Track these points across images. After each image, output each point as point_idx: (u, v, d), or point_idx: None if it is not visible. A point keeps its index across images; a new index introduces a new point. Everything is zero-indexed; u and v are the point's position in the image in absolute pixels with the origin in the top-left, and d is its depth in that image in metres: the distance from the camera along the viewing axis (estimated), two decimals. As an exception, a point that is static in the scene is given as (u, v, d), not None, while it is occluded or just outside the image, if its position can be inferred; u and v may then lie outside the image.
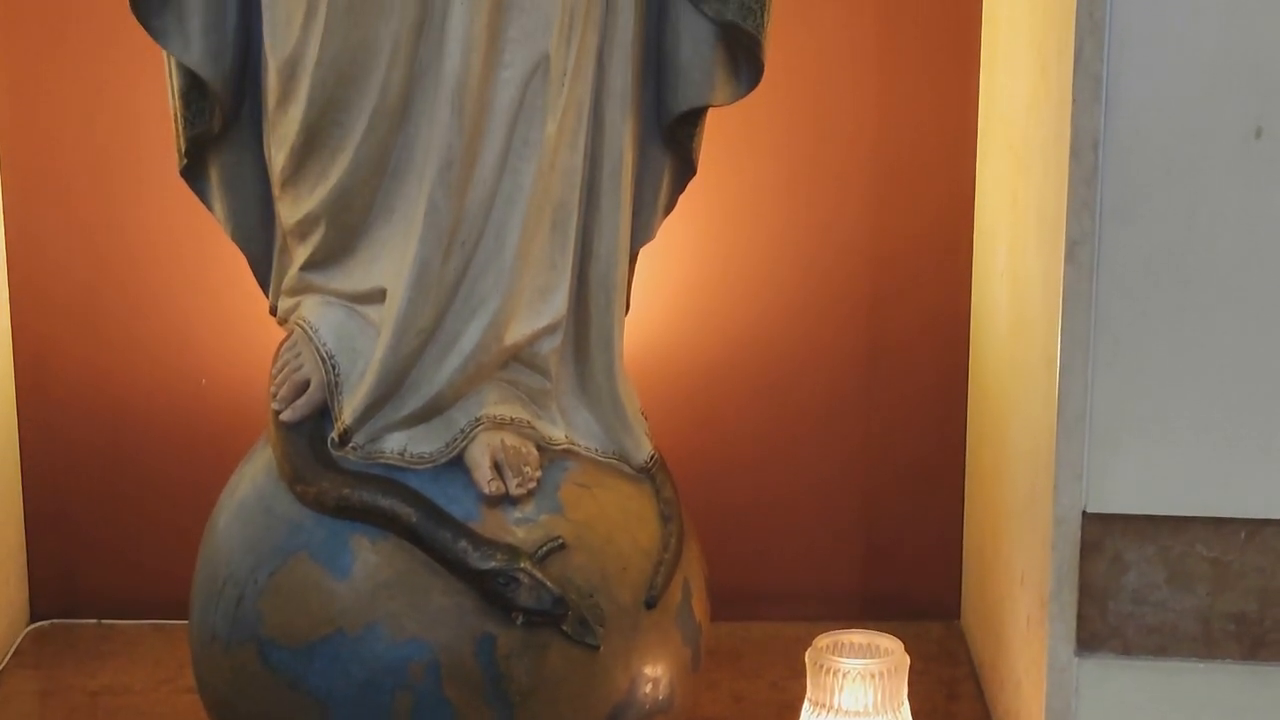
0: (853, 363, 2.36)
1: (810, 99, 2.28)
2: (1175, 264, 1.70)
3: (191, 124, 1.78)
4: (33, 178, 2.27)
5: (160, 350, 2.32)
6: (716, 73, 1.82)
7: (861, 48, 2.28)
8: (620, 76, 1.77)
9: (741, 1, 1.77)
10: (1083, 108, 1.69)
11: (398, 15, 1.65)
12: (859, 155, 2.30)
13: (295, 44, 1.68)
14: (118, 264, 2.30)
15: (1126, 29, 1.68)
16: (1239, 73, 1.67)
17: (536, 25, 1.68)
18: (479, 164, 1.70)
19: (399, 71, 1.67)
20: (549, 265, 1.77)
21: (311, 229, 1.78)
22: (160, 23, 1.72)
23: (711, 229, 2.30)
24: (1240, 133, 1.69)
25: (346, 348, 1.79)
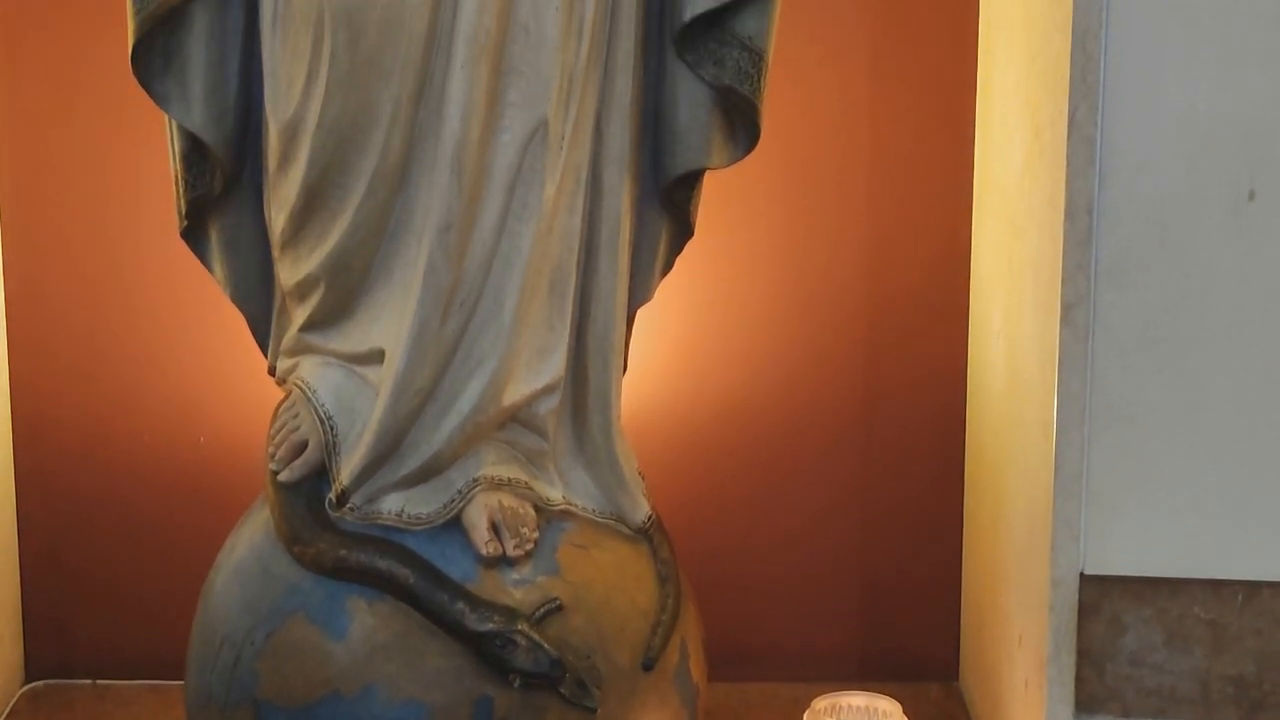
0: (849, 423, 2.36)
1: (806, 161, 2.30)
2: (1171, 326, 1.71)
3: (192, 186, 1.80)
4: (34, 234, 2.28)
5: (159, 408, 2.32)
6: (713, 136, 1.84)
7: (856, 110, 2.29)
8: (618, 140, 1.78)
9: (738, 66, 1.79)
10: (1077, 171, 1.71)
11: (398, 80, 1.66)
12: (854, 217, 2.32)
13: (296, 107, 1.70)
14: (117, 322, 2.30)
15: (1120, 93, 1.70)
16: (1231, 136, 1.69)
17: (535, 90, 1.70)
18: (478, 226, 1.71)
19: (399, 135, 1.69)
20: (547, 326, 1.78)
21: (311, 290, 1.79)
22: (162, 87, 1.74)
23: (708, 289, 2.31)
24: (1233, 195, 1.70)
25: (345, 408, 1.79)
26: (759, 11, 1.78)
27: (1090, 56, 1.69)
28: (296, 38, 1.68)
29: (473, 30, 1.66)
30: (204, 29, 1.73)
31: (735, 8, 1.77)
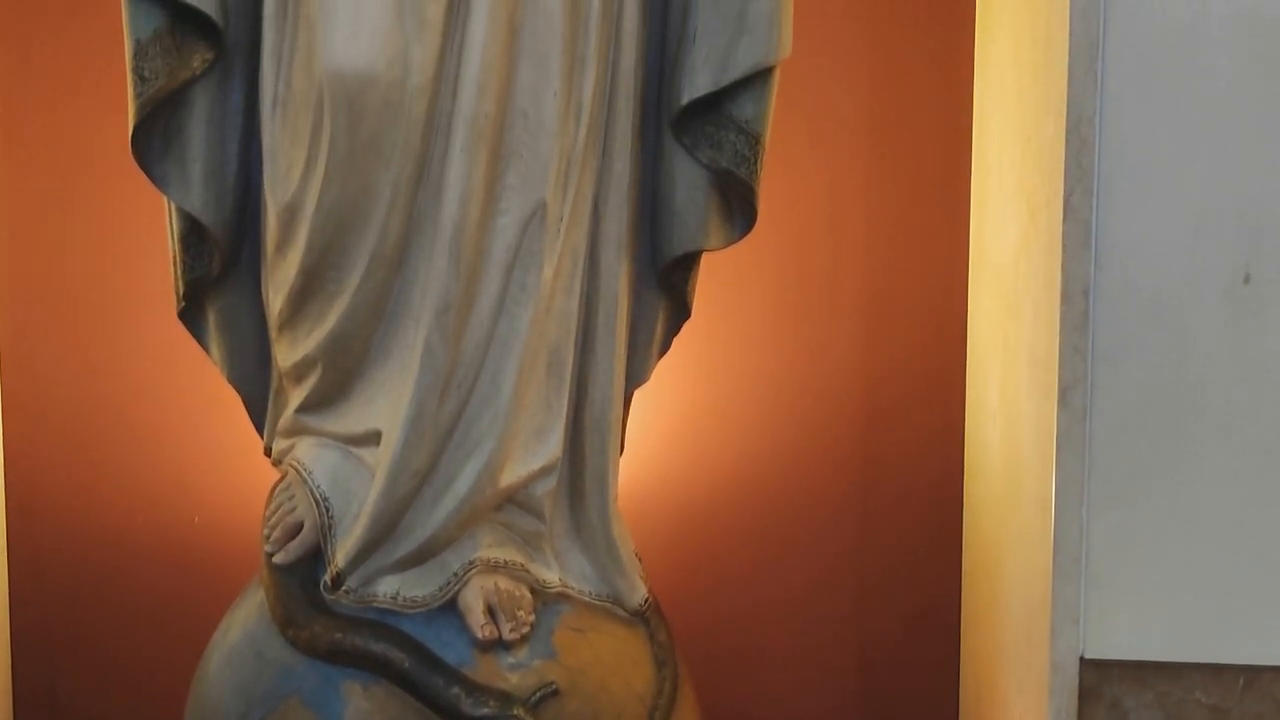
0: (845, 502, 2.35)
1: (801, 241, 2.31)
2: (1168, 408, 1.71)
3: (190, 268, 1.80)
4: (31, 312, 2.28)
5: (154, 488, 2.31)
6: (711, 218, 1.84)
7: (851, 190, 2.30)
8: (616, 222, 1.79)
9: (735, 149, 1.80)
10: (1073, 254, 1.71)
11: (397, 163, 1.67)
12: (849, 297, 2.32)
13: (295, 191, 1.70)
14: (113, 401, 2.30)
15: (1115, 177, 1.71)
16: (1226, 219, 1.70)
17: (534, 173, 1.71)
18: (475, 308, 1.71)
19: (397, 218, 1.69)
20: (544, 407, 1.78)
21: (308, 371, 1.78)
22: (162, 169, 1.75)
23: (704, 369, 2.31)
24: (1229, 278, 1.71)
25: (341, 490, 1.79)
26: (755, 95, 1.80)
27: (1085, 141, 1.70)
28: (296, 121, 1.69)
29: (472, 114, 1.67)
30: (204, 112, 1.74)
31: (732, 92, 1.79)
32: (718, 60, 1.77)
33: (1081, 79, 1.70)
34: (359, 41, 1.63)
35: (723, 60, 1.77)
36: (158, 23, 1.68)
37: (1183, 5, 1.69)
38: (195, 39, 1.70)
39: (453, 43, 1.66)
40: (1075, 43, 1.69)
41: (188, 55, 1.70)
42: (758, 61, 1.76)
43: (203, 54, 1.71)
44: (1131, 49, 1.69)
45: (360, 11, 1.63)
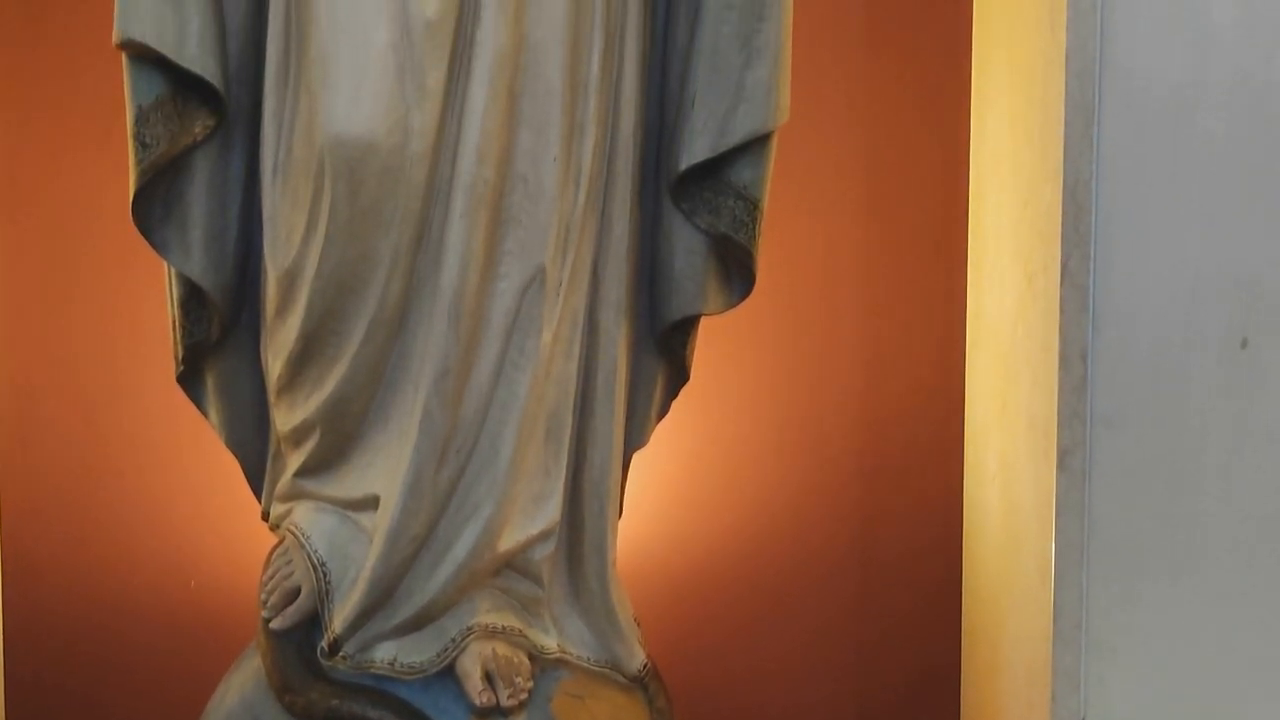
0: (845, 566, 2.35)
1: (799, 306, 2.31)
2: (1168, 473, 1.71)
3: (190, 332, 1.80)
4: (30, 374, 2.29)
5: (151, 550, 2.30)
6: (709, 283, 1.85)
7: (850, 256, 2.31)
8: (615, 286, 1.79)
9: (734, 214, 1.81)
10: (1071, 318, 1.72)
11: (397, 229, 1.68)
12: (848, 361, 2.33)
13: (295, 256, 1.71)
14: (111, 464, 2.30)
15: (1112, 242, 1.71)
16: (1223, 284, 1.71)
17: (533, 238, 1.71)
18: (474, 373, 1.72)
19: (397, 283, 1.70)
20: (543, 472, 1.78)
21: (306, 436, 1.78)
22: (162, 235, 1.75)
23: (703, 432, 2.31)
24: (1226, 343, 1.71)
25: (338, 555, 1.78)
26: (754, 161, 1.81)
27: (1082, 207, 1.71)
28: (297, 187, 1.70)
29: (471, 180, 1.68)
30: (205, 178, 1.75)
31: (730, 158, 1.80)
32: (716, 127, 1.78)
33: (1077, 144, 1.71)
34: (360, 108, 1.64)
35: (721, 127, 1.78)
36: (160, 89, 1.70)
37: (1177, 70, 1.71)
38: (197, 105, 1.71)
39: (453, 109, 1.67)
40: (1071, 108, 1.71)
41: (189, 122, 1.71)
42: (755, 128, 1.78)
43: (204, 120, 1.72)
44: (1127, 114, 1.71)
45: (361, 79, 1.64)
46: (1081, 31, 1.70)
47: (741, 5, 1.76)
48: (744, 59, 1.77)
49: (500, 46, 1.66)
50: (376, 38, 1.64)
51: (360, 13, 1.64)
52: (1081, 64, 1.70)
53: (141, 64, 1.69)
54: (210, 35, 1.70)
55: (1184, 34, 1.69)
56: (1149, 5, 1.69)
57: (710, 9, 1.77)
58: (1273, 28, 1.70)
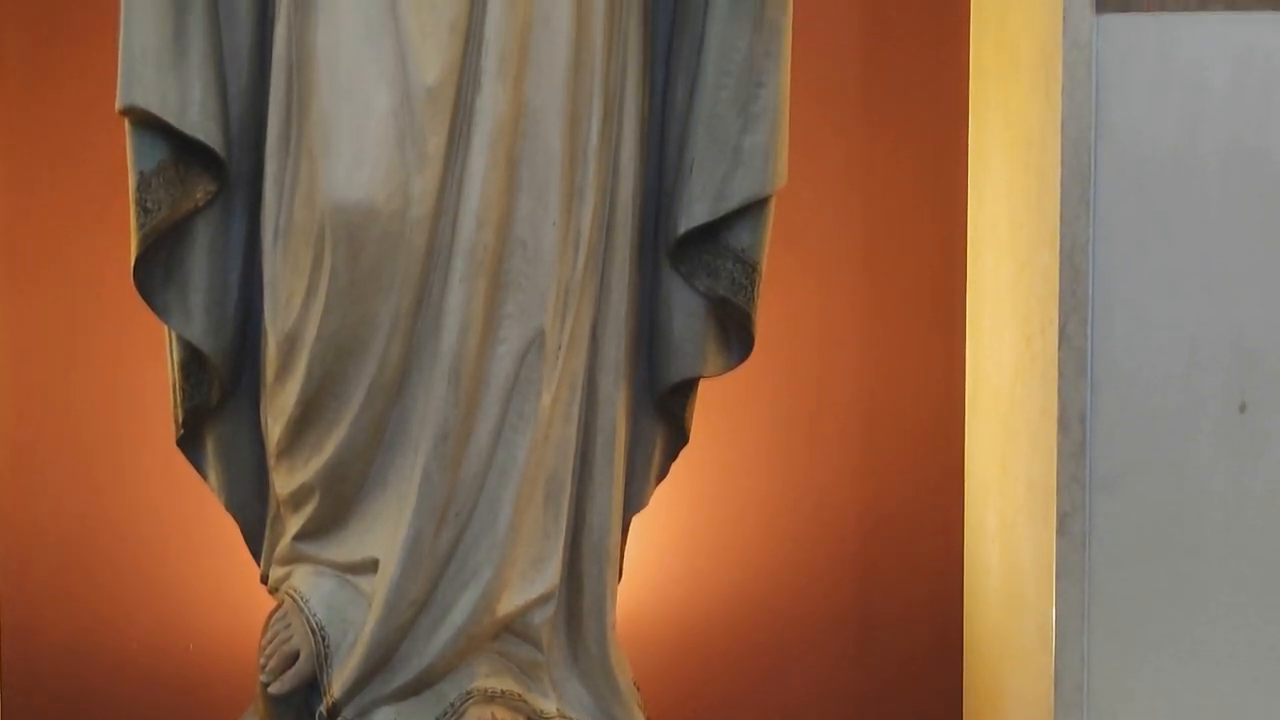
0: (845, 627, 2.34)
1: (798, 368, 2.32)
2: (1167, 536, 1.71)
3: (190, 396, 1.80)
4: (30, 437, 2.29)
5: (150, 613, 2.30)
6: (708, 345, 1.86)
7: (848, 318, 2.32)
8: (614, 349, 1.80)
9: (732, 277, 1.82)
10: (1069, 381, 1.73)
11: (397, 293, 1.68)
12: (848, 424, 2.33)
13: (295, 320, 1.71)
14: (113, 525, 2.29)
15: (1109, 305, 1.72)
16: (1221, 348, 1.71)
17: (532, 302, 1.72)
18: (474, 437, 1.72)
19: (397, 347, 1.70)
20: (542, 535, 1.77)
21: (306, 499, 1.78)
22: (163, 299, 1.76)
23: (703, 494, 2.31)
24: (1225, 406, 1.72)
25: (337, 618, 1.78)
26: (752, 225, 1.82)
27: (1079, 270, 1.72)
28: (297, 252, 1.71)
29: (471, 245, 1.68)
30: (206, 242, 1.76)
31: (728, 221, 1.81)
32: (714, 191, 1.79)
33: (1074, 208, 1.72)
34: (360, 174, 1.65)
35: (719, 191, 1.79)
36: (162, 155, 1.71)
37: (1172, 135, 1.72)
38: (199, 171, 1.73)
39: (453, 175, 1.68)
40: (1067, 173, 1.72)
41: (191, 187, 1.72)
42: (753, 192, 1.79)
43: (206, 186, 1.73)
44: (1123, 179, 1.72)
45: (362, 145, 1.65)
46: (1077, 97, 1.71)
47: (739, 71, 1.78)
48: (742, 124, 1.79)
49: (500, 113, 1.68)
50: (377, 104, 1.65)
51: (361, 79, 1.65)
52: (1077, 130, 1.71)
53: (144, 130, 1.71)
54: (212, 101, 1.71)
55: (1178, 100, 1.71)
56: (1143, 71, 1.71)
57: (708, 75, 1.79)
58: (1266, 93, 1.72)
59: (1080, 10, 1.71)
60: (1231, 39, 1.70)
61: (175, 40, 1.69)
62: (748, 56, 1.78)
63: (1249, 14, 1.70)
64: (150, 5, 1.68)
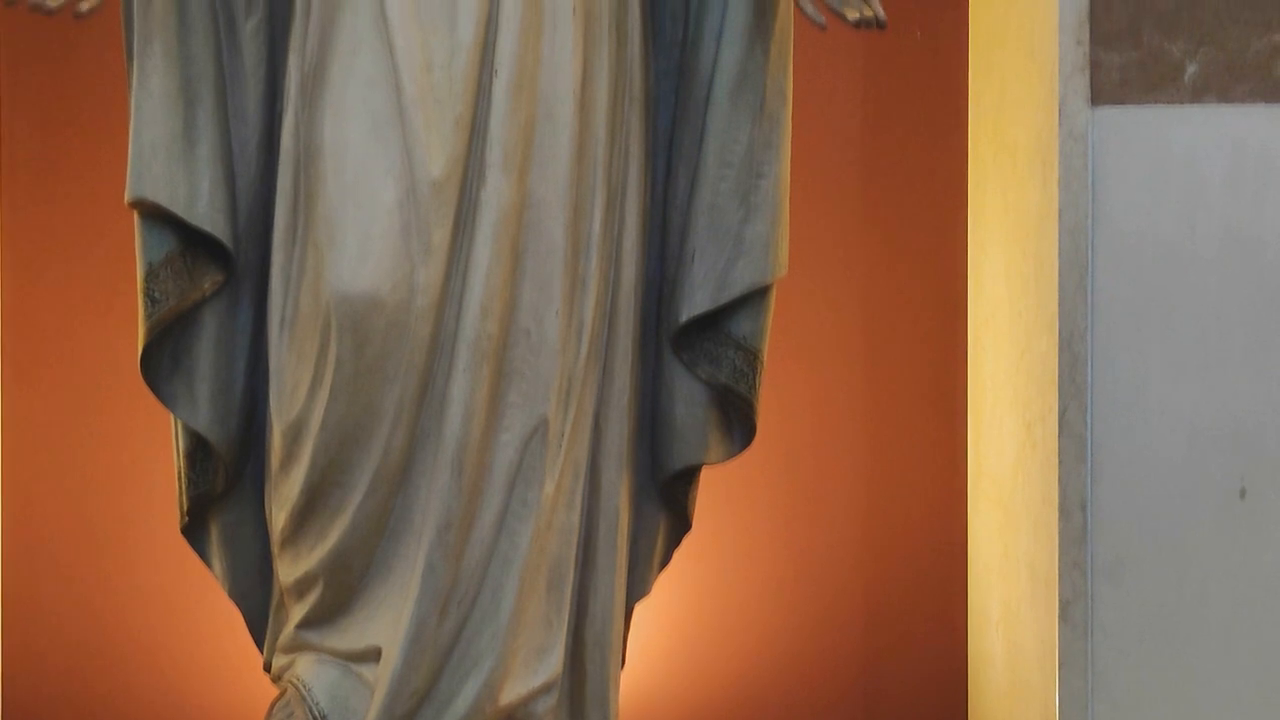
0: (849, 715, 2.33)
1: (801, 454, 2.32)
2: (1169, 622, 1.71)
3: (195, 484, 1.81)
4: (33, 524, 2.29)
5: (153, 700, 2.29)
6: (710, 432, 1.86)
7: (850, 405, 2.33)
8: (616, 437, 1.81)
9: (734, 365, 1.83)
10: (1069, 469, 1.73)
11: (401, 382, 1.69)
12: (850, 510, 2.33)
13: (300, 409, 1.72)
14: (117, 612, 2.29)
15: (1108, 393, 1.73)
16: (1221, 435, 1.72)
17: (535, 390, 1.73)
18: (477, 525, 1.72)
19: (401, 436, 1.71)
20: (545, 624, 1.77)
21: (309, 588, 1.78)
22: (170, 389, 1.77)
23: (705, 581, 2.31)
24: (1225, 493, 1.72)
25: (340, 707, 1.77)
26: (753, 313, 1.83)
27: (1078, 357, 1.73)
28: (303, 342, 1.72)
29: (475, 335, 1.70)
30: (212, 332, 1.78)
31: (730, 310, 1.82)
32: (715, 280, 1.81)
33: (1072, 297, 1.74)
34: (366, 265, 1.67)
35: (720, 280, 1.81)
36: (170, 247, 1.73)
37: (1168, 224, 1.74)
38: (206, 262, 1.75)
39: (457, 265, 1.70)
40: (1065, 262, 1.74)
41: (199, 278, 1.74)
42: (754, 281, 1.81)
43: (213, 276, 1.75)
44: (1120, 268, 1.74)
45: (368, 236, 1.67)
46: (1074, 187, 1.73)
47: (740, 163, 1.80)
48: (743, 214, 1.81)
49: (504, 205, 1.70)
50: (383, 197, 1.67)
51: (368, 173, 1.68)
52: (1074, 219, 1.73)
53: (152, 222, 1.73)
54: (221, 193, 1.74)
55: (1174, 190, 1.73)
56: (1139, 163, 1.73)
57: (709, 166, 1.81)
58: (1260, 183, 1.74)
59: (1076, 102, 1.74)
60: (1225, 131, 1.73)
61: (185, 134, 1.72)
62: (748, 148, 1.80)
63: (1242, 106, 1.73)
64: (160, 100, 1.71)
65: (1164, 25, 1.73)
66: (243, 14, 1.77)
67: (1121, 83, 1.74)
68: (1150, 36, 1.73)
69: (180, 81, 1.72)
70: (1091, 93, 1.74)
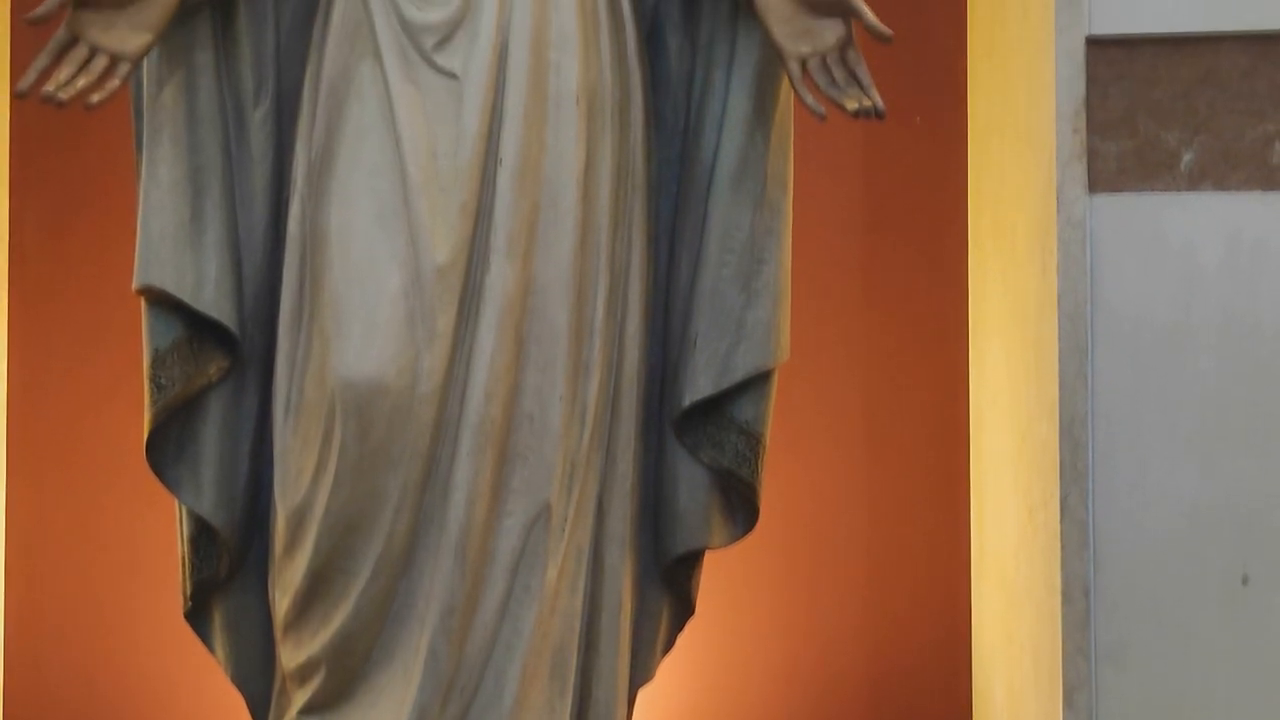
0: (855, 799, 2.32)
1: (805, 537, 2.32)
2: (1173, 709, 1.71)
3: (198, 569, 1.81)
4: (43, 601, 2.29)
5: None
6: (713, 516, 1.87)
7: (853, 487, 2.33)
8: (619, 521, 1.81)
9: (736, 450, 1.84)
10: (1072, 554, 1.73)
11: (405, 467, 1.70)
12: (854, 594, 2.33)
13: (305, 494, 1.73)
14: (120, 696, 2.28)
15: (1110, 478, 1.74)
16: (1222, 521, 1.72)
17: (538, 475, 1.73)
18: (480, 610, 1.72)
19: (404, 521, 1.71)
20: (548, 710, 1.77)
21: (312, 673, 1.78)
22: (175, 473, 1.78)
23: (709, 665, 2.30)
24: (1228, 580, 1.72)
25: (342, 795, 1.76)
26: (755, 398, 1.84)
27: (1078, 443, 1.74)
28: (308, 427, 1.73)
29: (479, 419, 1.71)
30: (218, 417, 1.79)
31: (732, 394, 1.83)
32: (718, 365, 1.82)
33: (1072, 382, 1.75)
34: (371, 351, 1.68)
35: (723, 365, 1.82)
36: (177, 333, 1.75)
37: (1165, 310, 1.75)
38: (213, 347, 1.76)
39: (461, 351, 1.71)
40: (1064, 348, 1.75)
41: (205, 363, 1.76)
42: (756, 366, 1.82)
43: (219, 362, 1.77)
44: (1119, 353, 1.75)
45: (373, 323, 1.68)
46: (1072, 274, 1.75)
47: (741, 249, 1.82)
48: (745, 299, 1.82)
49: (508, 291, 1.71)
50: (388, 283, 1.69)
51: (373, 260, 1.69)
52: (1073, 305, 1.74)
53: (160, 309, 1.75)
54: (227, 279, 1.75)
55: (1171, 276, 1.75)
56: (1136, 249, 1.75)
57: (711, 252, 1.83)
58: (1257, 268, 1.75)
59: (1074, 190, 1.76)
60: (1221, 217, 1.75)
61: (192, 222, 1.74)
62: (750, 235, 1.82)
63: (1236, 193, 1.74)
64: (169, 189, 1.73)
65: (1159, 115, 1.75)
66: (251, 103, 1.80)
67: (1119, 170, 1.76)
68: (1146, 125, 1.75)
69: (188, 170, 1.74)
70: (1089, 180, 1.76)
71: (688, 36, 1.87)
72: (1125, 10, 1.76)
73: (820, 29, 1.70)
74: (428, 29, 1.73)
